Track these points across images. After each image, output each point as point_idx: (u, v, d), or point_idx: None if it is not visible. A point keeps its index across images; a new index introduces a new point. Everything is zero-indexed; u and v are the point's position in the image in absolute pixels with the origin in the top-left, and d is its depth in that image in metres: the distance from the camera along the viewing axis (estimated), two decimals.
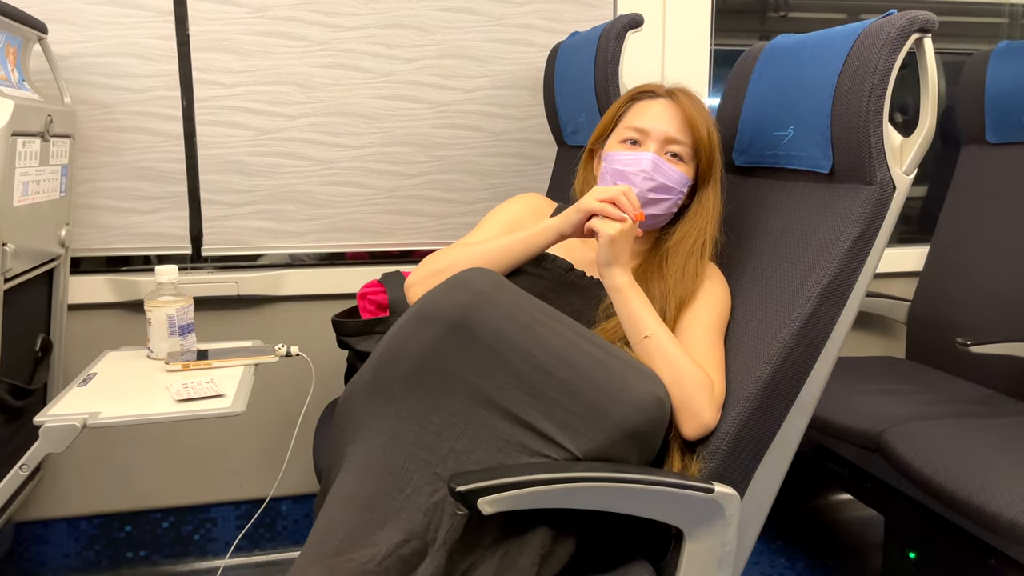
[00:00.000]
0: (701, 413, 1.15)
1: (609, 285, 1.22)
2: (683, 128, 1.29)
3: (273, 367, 1.51)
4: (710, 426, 1.15)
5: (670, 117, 1.29)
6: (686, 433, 1.16)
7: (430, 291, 1.13)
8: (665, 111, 1.30)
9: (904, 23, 1.09)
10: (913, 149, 1.13)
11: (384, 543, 1.01)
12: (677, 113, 1.29)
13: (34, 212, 1.49)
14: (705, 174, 1.32)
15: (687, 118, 1.29)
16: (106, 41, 1.81)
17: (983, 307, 1.95)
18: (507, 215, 1.42)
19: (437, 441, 1.06)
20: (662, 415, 1.08)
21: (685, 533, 1.10)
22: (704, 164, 1.31)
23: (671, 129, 1.28)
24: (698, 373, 1.16)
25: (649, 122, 1.30)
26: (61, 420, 1.17)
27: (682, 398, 1.15)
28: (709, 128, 1.30)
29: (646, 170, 1.26)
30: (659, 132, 1.28)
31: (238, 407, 1.23)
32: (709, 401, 1.15)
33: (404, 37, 1.96)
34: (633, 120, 1.32)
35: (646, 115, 1.31)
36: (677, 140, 1.29)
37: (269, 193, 1.94)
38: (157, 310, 1.46)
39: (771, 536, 2.17)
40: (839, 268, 1.12)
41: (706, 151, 1.29)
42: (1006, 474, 1.37)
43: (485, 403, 1.06)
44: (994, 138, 2.03)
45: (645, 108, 1.32)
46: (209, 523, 2.04)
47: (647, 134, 1.29)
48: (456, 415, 1.06)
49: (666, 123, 1.29)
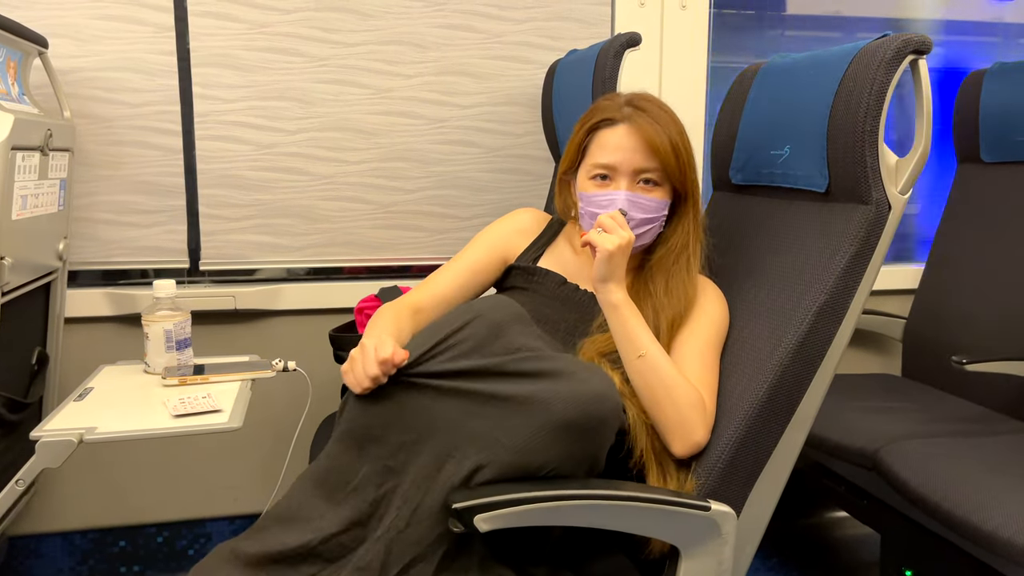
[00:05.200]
0: (694, 432, 1.15)
1: (604, 301, 1.21)
2: (648, 154, 1.24)
3: (269, 381, 1.50)
4: (701, 445, 1.16)
5: (633, 146, 1.24)
6: (676, 451, 1.16)
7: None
8: (627, 140, 1.25)
9: (899, 45, 1.10)
10: (908, 169, 1.13)
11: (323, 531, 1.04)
12: (639, 139, 1.24)
13: (32, 226, 1.49)
14: (680, 189, 1.28)
15: (649, 143, 1.24)
16: (106, 56, 1.82)
17: (979, 325, 1.96)
18: (491, 237, 1.42)
19: (384, 435, 1.07)
20: (600, 410, 1.04)
21: (681, 551, 1.10)
22: (677, 181, 1.27)
23: (635, 160, 1.24)
24: (691, 392, 1.16)
25: (613, 156, 1.25)
26: (57, 435, 1.17)
27: (676, 416, 1.15)
28: (676, 144, 1.24)
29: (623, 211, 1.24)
30: (626, 166, 1.25)
31: (235, 422, 1.23)
32: (701, 420, 1.16)
33: (403, 54, 1.97)
34: (598, 155, 1.27)
35: (608, 148, 1.26)
36: (645, 168, 1.25)
37: (267, 207, 1.95)
38: (154, 324, 1.46)
39: (767, 554, 2.16)
40: (835, 287, 1.13)
41: (675, 171, 1.25)
42: (1002, 493, 1.37)
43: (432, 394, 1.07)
44: (989, 157, 2.05)
45: (607, 140, 1.27)
46: (204, 538, 2.03)
47: (615, 169, 1.25)
48: (404, 407, 1.07)
49: (630, 153, 1.24)
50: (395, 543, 1.04)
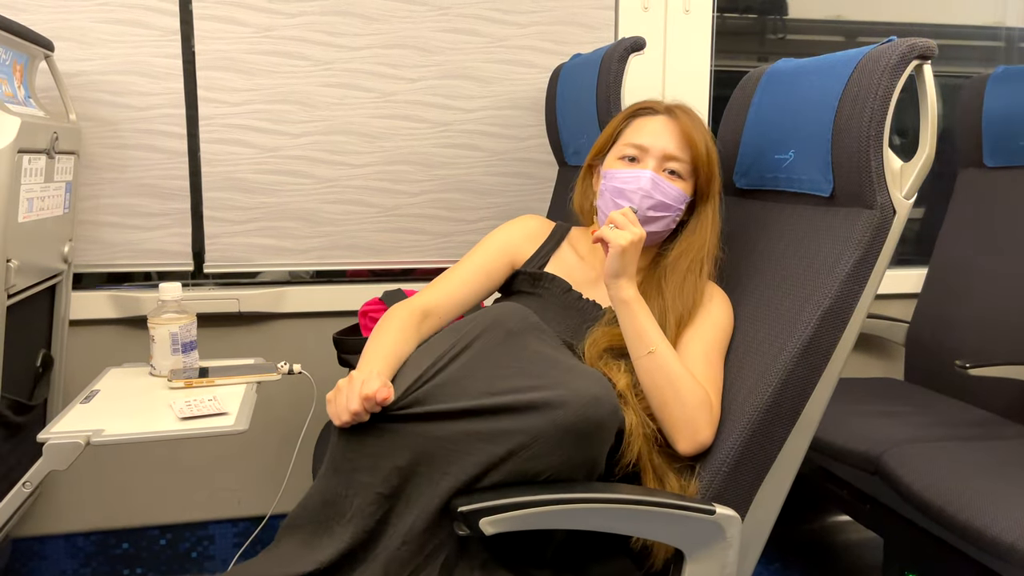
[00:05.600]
0: (700, 431, 1.16)
1: (615, 297, 1.22)
2: (681, 144, 1.29)
3: (274, 384, 1.51)
4: (706, 444, 1.16)
5: (669, 134, 1.30)
6: (682, 450, 1.17)
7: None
8: (664, 128, 1.30)
9: (904, 50, 1.10)
10: (913, 174, 1.14)
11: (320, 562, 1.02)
12: (676, 130, 1.30)
13: (38, 228, 1.50)
14: (703, 191, 1.32)
15: (685, 135, 1.29)
16: (112, 59, 1.82)
17: (981, 329, 1.96)
18: (501, 241, 1.42)
19: (375, 463, 1.05)
20: (598, 413, 1.04)
21: (686, 555, 1.10)
22: (702, 181, 1.31)
23: (670, 146, 1.29)
24: (699, 391, 1.16)
25: (648, 139, 1.30)
26: (65, 437, 1.17)
27: (682, 415, 1.15)
28: (707, 145, 1.30)
29: (645, 188, 1.27)
30: (657, 149, 1.29)
31: (241, 425, 1.23)
32: (708, 420, 1.16)
33: (407, 57, 1.98)
34: (632, 137, 1.32)
35: (644, 131, 1.31)
36: (675, 157, 1.29)
37: (271, 210, 1.95)
38: (160, 327, 1.46)
39: (770, 558, 2.16)
40: (840, 291, 1.13)
41: (704, 168, 1.30)
42: (1005, 497, 1.37)
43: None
44: (992, 162, 2.05)
45: (644, 124, 1.33)
46: (207, 540, 2.03)
47: (646, 151, 1.29)
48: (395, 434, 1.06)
49: (665, 140, 1.29)
50: (392, 561, 1.03)
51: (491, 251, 1.41)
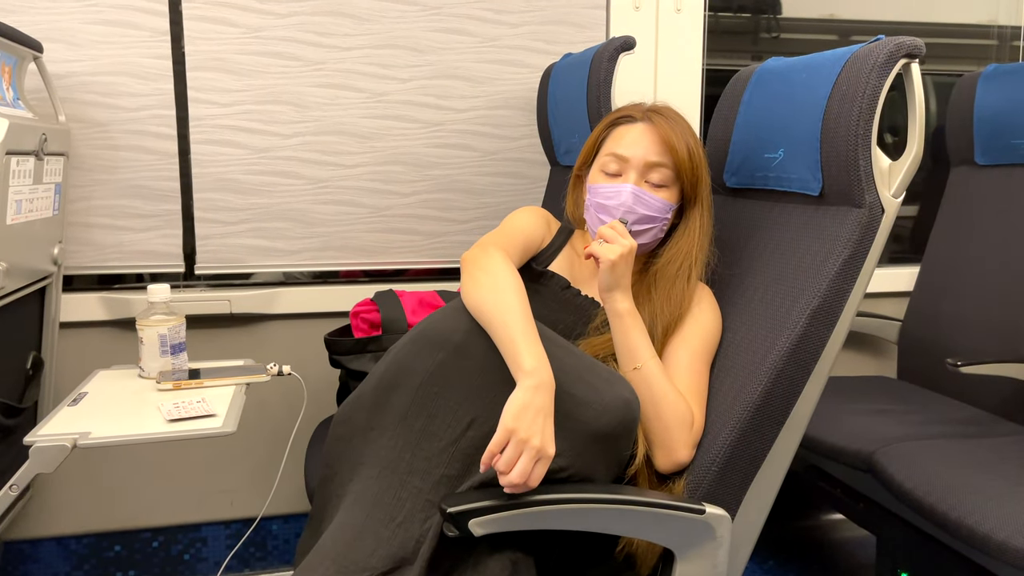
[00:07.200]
0: (677, 451, 1.16)
1: (611, 310, 1.23)
2: (662, 151, 1.27)
3: (264, 385, 1.50)
4: (683, 464, 1.17)
5: (649, 142, 1.27)
6: (659, 466, 1.18)
7: (432, 316, 1.15)
8: (643, 136, 1.28)
9: (892, 49, 1.10)
10: (901, 172, 1.14)
11: (372, 570, 1.02)
12: (655, 137, 1.27)
13: (27, 230, 1.49)
14: (690, 195, 1.30)
15: (665, 141, 1.26)
16: (102, 60, 1.82)
17: (973, 327, 1.96)
18: (527, 226, 1.36)
19: (428, 468, 1.06)
20: (630, 415, 1.08)
21: (676, 554, 1.10)
22: (687, 186, 1.29)
23: (650, 154, 1.27)
24: (680, 409, 1.17)
25: (627, 149, 1.28)
26: (51, 440, 1.16)
27: (661, 433, 1.16)
28: (690, 148, 1.27)
29: (627, 203, 1.25)
30: (638, 159, 1.27)
31: (229, 427, 1.23)
32: (686, 440, 1.17)
33: (398, 57, 1.97)
34: (612, 147, 1.30)
35: (624, 142, 1.29)
36: (657, 164, 1.27)
37: (263, 211, 1.95)
38: (149, 329, 1.46)
39: (763, 557, 2.16)
40: (829, 290, 1.13)
41: (688, 173, 1.27)
42: (997, 495, 1.38)
43: (471, 424, 1.07)
44: (983, 160, 2.05)
45: (623, 134, 1.30)
46: (199, 542, 2.03)
47: (626, 161, 1.27)
48: (447, 440, 1.07)
49: (644, 148, 1.27)
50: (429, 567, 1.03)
51: (523, 236, 1.34)
